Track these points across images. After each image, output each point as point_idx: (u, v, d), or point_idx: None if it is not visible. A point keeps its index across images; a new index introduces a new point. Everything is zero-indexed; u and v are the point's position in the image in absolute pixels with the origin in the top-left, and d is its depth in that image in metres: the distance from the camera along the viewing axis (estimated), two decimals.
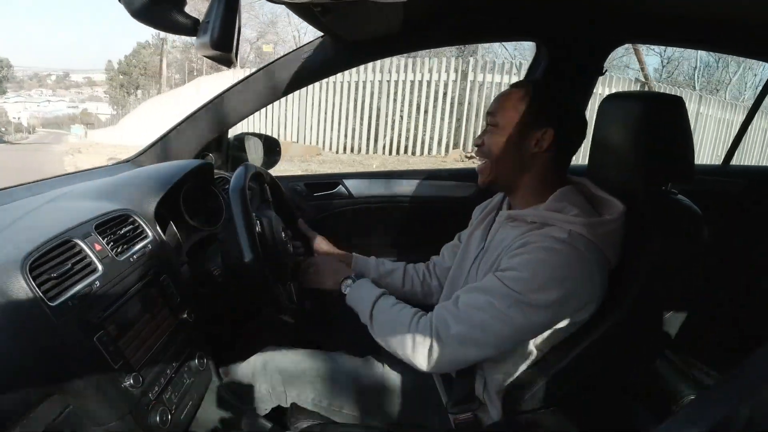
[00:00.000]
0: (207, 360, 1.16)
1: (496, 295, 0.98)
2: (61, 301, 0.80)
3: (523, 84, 1.16)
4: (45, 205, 1.07)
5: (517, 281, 0.97)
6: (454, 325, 1.00)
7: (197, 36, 0.74)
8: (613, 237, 1.03)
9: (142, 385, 0.90)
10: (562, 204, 1.05)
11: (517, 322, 0.97)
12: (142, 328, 0.97)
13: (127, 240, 1.03)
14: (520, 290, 0.96)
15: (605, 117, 1.17)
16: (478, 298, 1.00)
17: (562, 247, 0.97)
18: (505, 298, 0.97)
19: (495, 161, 1.12)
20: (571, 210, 1.03)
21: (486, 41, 1.87)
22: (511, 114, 1.10)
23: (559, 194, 1.08)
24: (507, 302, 0.97)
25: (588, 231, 0.99)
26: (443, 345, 1.00)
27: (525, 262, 0.98)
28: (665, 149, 1.07)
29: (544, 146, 1.09)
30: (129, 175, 1.32)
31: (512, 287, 0.97)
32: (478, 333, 0.99)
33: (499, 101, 1.14)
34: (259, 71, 1.57)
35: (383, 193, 1.96)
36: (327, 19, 1.13)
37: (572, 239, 0.98)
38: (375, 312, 1.12)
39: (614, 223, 1.03)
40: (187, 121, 1.59)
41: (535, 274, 0.96)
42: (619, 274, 1.04)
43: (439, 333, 1.01)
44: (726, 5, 1.18)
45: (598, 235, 1.00)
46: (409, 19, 1.28)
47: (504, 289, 0.97)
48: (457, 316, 1.01)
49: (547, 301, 0.96)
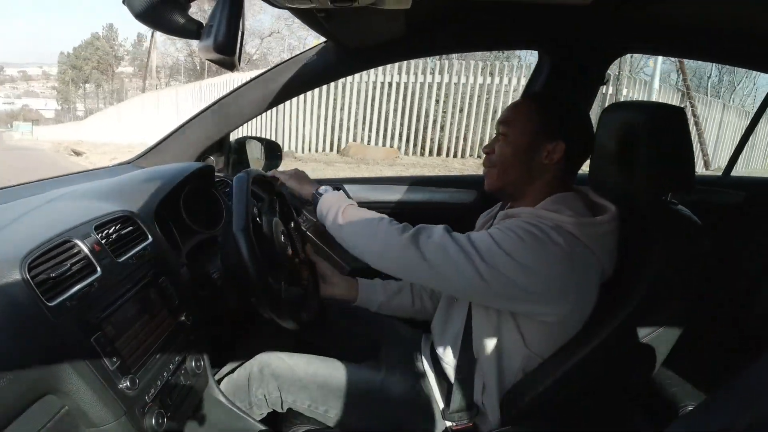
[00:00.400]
0: (204, 363, 1.15)
1: (478, 239, 1.00)
2: (59, 301, 0.80)
3: (536, 95, 1.18)
4: (45, 205, 1.07)
5: (501, 236, 0.99)
6: (437, 234, 1.03)
7: (200, 39, 0.75)
8: (605, 240, 1.03)
9: (139, 387, 0.90)
10: (558, 206, 1.05)
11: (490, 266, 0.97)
12: (139, 329, 0.96)
13: (126, 241, 1.03)
14: (501, 243, 0.98)
15: (607, 126, 1.18)
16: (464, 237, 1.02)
17: (552, 233, 0.98)
18: (484, 241, 1.00)
19: (504, 170, 1.13)
20: (566, 212, 1.03)
21: (489, 49, 1.88)
22: (524, 125, 1.11)
23: (556, 197, 1.08)
24: (485, 245, 0.99)
25: (577, 230, 1.00)
26: (419, 238, 1.03)
27: (512, 227, 1.00)
28: (666, 159, 1.07)
29: (554, 159, 1.09)
30: (130, 176, 1.33)
31: (495, 239, 0.99)
32: (450, 257, 1.00)
33: (512, 111, 1.14)
34: (262, 75, 1.58)
35: (384, 199, 1.96)
36: (330, 24, 1.13)
37: (559, 231, 0.99)
38: (346, 209, 1.16)
39: (605, 225, 1.03)
40: (189, 124, 1.60)
41: (519, 238, 0.98)
42: (619, 282, 1.04)
43: (419, 230, 1.05)
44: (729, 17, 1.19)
45: (587, 234, 1.00)
46: (411, 26, 1.28)
47: (487, 238, 1.00)
48: (442, 229, 1.04)
49: (520, 265, 0.97)
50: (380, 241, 1.05)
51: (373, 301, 1.38)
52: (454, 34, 1.52)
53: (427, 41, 1.56)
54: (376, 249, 1.06)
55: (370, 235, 1.08)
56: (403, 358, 1.30)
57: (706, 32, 1.37)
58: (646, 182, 1.07)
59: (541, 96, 1.18)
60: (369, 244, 1.08)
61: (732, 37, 1.35)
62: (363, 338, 1.42)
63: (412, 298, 1.39)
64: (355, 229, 1.11)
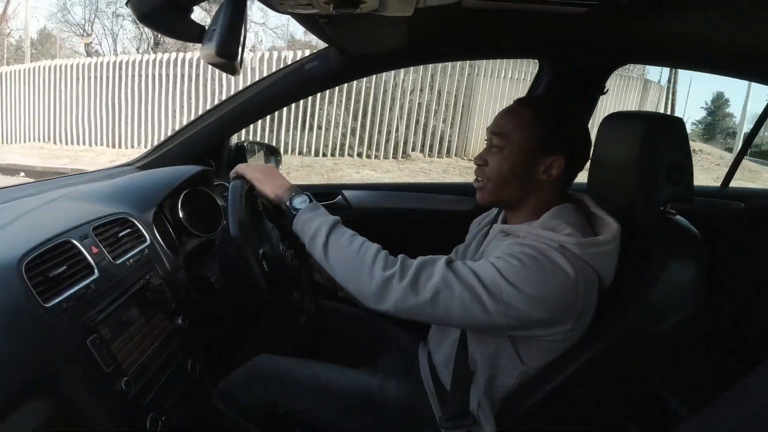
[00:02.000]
0: (200, 366, 1.15)
1: (482, 270, 0.96)
2: (56, 302, 0.80)
3: (533, 102, 1.11)
4: (44, 206, 1.07)
5: (504, 265, 0.95)
6: (438, 274, 0.96)
7: (203, 43, 0.75)
8: (607, 258, 1.02)
9: (134, 390, 0.90)
10: (556, 222, 1.02)
11: (496, 299, 0.94)
12: (136, 332, 0.96)
13: (124, 243, 1.03)
14: (504, 273, 0.94)
15: (605, 137, 1.18)
16: (466, 269, 0.97)
17: (552, 254, 0.96)
18: (489, 274, 0.95)
19: (499, 185, 1.08)
20: (564, 229, 1.01)
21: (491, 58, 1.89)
22: (521, 136, 1.05)
23: (554, 212, 1.05)
24: (490, 278, 0.94)
25: (580, 250, 0.98)
26: (416, 287, 0.96)
27: (514, 253, 0.96)
28: (665, 170, 1.07)
29: (553, 174, 1.05)
30: (129, 178, 1.33)
31: (499, 268, 0.95)
32: (455, 297, 0.95)
33: (508, 120, 1.08)
34: (264, 80, 1.58)
35: (382, 205, 1.96)
36: (332, 30, 1.13)
37: (563, 251, 0.97)
38: (332, 234, 1.03)
39: (608, 244, 1.01)
40: (189, 127, 1.60)
41: (522, 266, 0.94)
42: (617, 293, 1.04)
43: (419, 276, 0.96)
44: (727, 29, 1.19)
45: (590, 254, 0.98)
46: (413, 33, 1.29)
47: (490, 268, 0.95)
48: (444, 268, 0.97)
49: (525, 295, 0.93)
50: (377, 283, 0.97)
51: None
52: (455, 43, 1.52)
53: (429, 49, 1.56)
54: (372, 292, 0.98)
55: (364, 276, 0.99)
56: (401, 365, 1.30)
57: (705, 44, 1.37)
58: (645, 192, 1.07)
59: (537, 102, 1.11)
60: (363, 286, 0.99)
61: (731, 49, 1.36)
62: (361, 344, 1.41)
63: None
64: (346, 268, 1.01)
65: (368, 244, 1.03)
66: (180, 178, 1.32)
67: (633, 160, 1.08)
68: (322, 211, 1.09)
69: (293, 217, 1.08)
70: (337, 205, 1.91)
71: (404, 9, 0.85)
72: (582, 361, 1.02)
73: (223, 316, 1.35)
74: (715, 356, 1.81)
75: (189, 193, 1.35)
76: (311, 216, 1.07)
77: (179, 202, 1.30)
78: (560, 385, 1.04)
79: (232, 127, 1.61)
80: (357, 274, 0.99)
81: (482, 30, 1.45)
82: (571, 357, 1.03)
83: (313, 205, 1.10)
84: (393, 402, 1.19)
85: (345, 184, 1.98)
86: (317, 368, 1.24)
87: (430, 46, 1.54)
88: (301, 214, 1.08)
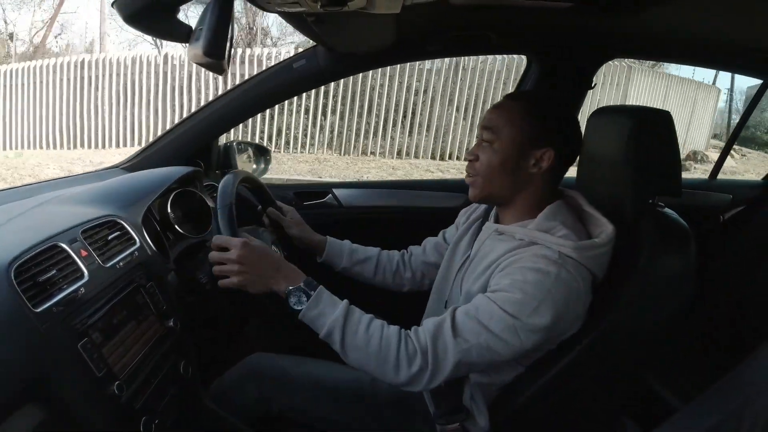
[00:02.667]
0: (193, 368, 1.15)
1: (491, 318, 0.96)
2: (46, 307, 0.79)
3: (522, 97, 1.12)
4: (32, 210, 1.06)
5: (511, 304, 0.95)
6: (451, 350, 0.96)
7: (190, 43, 0.74)
8: (603, 258, 1.03)
9: (127, 394, 0.89)
10: (553, 223, 1.03)
11: (511, 344, 0.96)
12: (127, 335, 0.95)
13: (113, 246, 1.02)
14: (513, 313, 0.95)
15: (594, 131, 1.18)
16: (473, 322, 0.97)
17: (553, 269, 0.96)
18: (499, 321, 0.95)
19: (489, 181, 1.08)
20: (561, 230, 1.02)
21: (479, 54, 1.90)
22: (510, 131, 1.06)
23: (548, 212, 1.06)
24: (501, 325, 0.95)
25: (577, 254, 0.98)
26: (439, 371, 0.97)
27: (516, 283, 0.96)
28: (653, 163, 1.08)
29: (543, 167, 1.06)
30: (118, 180, 1.32)
31: (506, 310, 0.95)
32: (474, 356, 0.97)
33: (497, 115, 1.08)
34: (251, 79, 1.58)
35: (373, 203, 1.96)
36: (320, 28, 1.13)
37: (563, 261, 0.97)
38: (347, 332, 0.99)
39: (604, 246, 1.02)
40: (177, 128, 1.59)
41: (528, 296, 0.95)
42: (607, 286, 1.05)
43: (436, 360, 0.97)
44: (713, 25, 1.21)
45: (587, 257, 1.00)
46: (401, 31, 1.29)
47: (498, 312, 0.95)
48: (453, 342, 0.97)
49: (540, 324, 0.95)
50: (404, 378, 0.98)
51: (336, 264, 1.40)
52: (443, 40, 1.53)
53: (417, 46, 1.56)
54: (400, 383, 0.99)
55: (389, 373, 0.98)
56: None
57: (692, 38, 1.39)
58: (633, 186, 1.08)
59: (526, 96, 1.12)
60: (389, 378, 0.99)
61: (716, 42, 1.38)
62: None
63: (374, 270, 1.40)
64: (369, 368, 1.00)
65: (386, 334, 0.99)
66: (169, 180, 1.31)
67: (621, 154, 1.09)
68: (325, 302, 1.01)
69: (295, 312, 1.01)
70: (327, 204, 1.91)
71: (392, 6, 0.85)
72: (574, 354, 1.03)
73: (214, 317, 1.35)
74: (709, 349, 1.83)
75: (178, 195, 1.34)
76: (317, 314, 1.00)
77: (168, 204, 1.29)
78: (553, 378, 1.04)
79: (220, 127, 1.60)
80: (382, 372, 0.99)
81: (470, 26, 1.45)
82: (564, 351, 1.04)
83: (314, 299, 1.00)
84: (386, 396, 1.19)
85: (335, 183, 1.98)
86: (310, 365, 1.24)
87: (418, 43, 1.54)
88: (306, 312, 1.00)
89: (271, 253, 1.06)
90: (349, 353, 0.99)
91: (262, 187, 1.40)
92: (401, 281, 1.41)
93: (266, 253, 1.04)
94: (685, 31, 1.33)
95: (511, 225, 1.09)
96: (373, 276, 1.41)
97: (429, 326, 1.00)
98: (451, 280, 1.20)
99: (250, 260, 1.02)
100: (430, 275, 1.34)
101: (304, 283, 1.01)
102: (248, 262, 1.02)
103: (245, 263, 1.01)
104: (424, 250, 1.41)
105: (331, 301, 1.02)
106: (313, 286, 1.02)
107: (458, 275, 1.17)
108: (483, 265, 1.06)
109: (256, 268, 1.02)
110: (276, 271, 1.03)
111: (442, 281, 1.25)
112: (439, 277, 1.27)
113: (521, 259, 0.99)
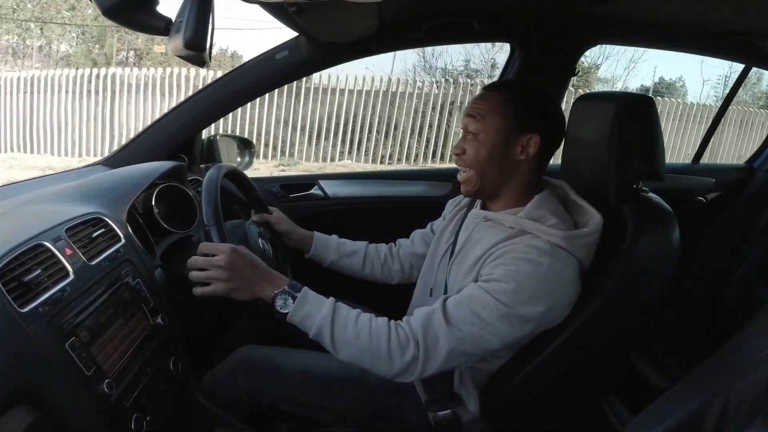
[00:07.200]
0: (183, 364, 1.14)
1: (484, 307, 0.97)
2: (32, 307, 0.78)
3: (503, 86, 1.13)
4: (15, 209, 1.04)
5: (504, 293, 0.96)
6: (443, 339, 0.97)
7: (170, 35, 0.73)
8: (591, 247, 1.05)
9: (117, 392, 0.89)
10: (541, 212, 1.05)
11: (504, 333, 0.97)
12: (115, 333, 0.95)
13: (98, 244, 1.01)
14: (507, 302, 0.96)
15: (578, 117, 1.19)
16: (465, 311, 0.98)
17: (545, 259, 0.97)
18: (493, 310, 0.96)
19: (480, 171, 1.09)
20: (550, 219, 1.03)
21: (462, 42, 1.89)
22: (495, 120, 1.06)
23: (537, 201, 1.07)
24: (495, 315, 0.96)
25: (567, 243, 1.00)
26: (431, 359, 0.98)
27: (510, 273, 0.97)
28: (636, 148, 1.09)
29: (530, 153, 1.07)
30: (100, 177, 1.30)
31: (499, 299, 0.96)
32: (467, 346, 0.98)
33: (480, 106, 1.09)
34: (233, 72, 1.56)
35: (359, 194, 1.96)
36: (301, 18, 1.12)
37: (554, 251, 0.99)
38: (336, 329, 0.99)
39: (593, 236, 1.04)
40: (160, 123, 1.57)
41: (521, 286, 0.96)
42: (593, 271, 1.06)
43: (428, 348, 0.97)
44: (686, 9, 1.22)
45: (575, 246, 1.01)
46: (385, 20, 1.28)
47: (492, 302, 0.96)
48: (446, 330, 0.97)
49: (532, 314, 0.97)
50: (398, 368, 0.98)
51: (324, 258, 1.42)
52: (426, 28, 1.52)
53: (400, 35, 1.55)
54: (394, 374, 1.00)
55: (383, 365, 0.99)
56: None
57: (673, 24, 1.40)
58: (617, 170, 1.09)
59: (507, 85, 1.12)
60: (383, 371, 1.00)
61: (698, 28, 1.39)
62: None
63: (362, 263, 1.42)
64: (363, 362, 1.00)
65: (375, 326, 1.00)
66: (153, 175, 1.29)
67: (605, 139, 1.09)
68: (311, 302, 1.01)
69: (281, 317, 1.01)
70: (313, 196, 1.90)
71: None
72: (563, 337, 1.04)
73: (202, 312, 1.34)
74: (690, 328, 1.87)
75: (162, 190, 1.32)
76: (304, 314, 1.00)
77: (153, 199, 1.28)
78: (543, 361, 1.06)
79: (203, 121, 1.58)
80: (376, 365, 1.00)
81: (452, 14, 1.45)
82: (552, 335, 1.05)
83: (300, 301, 1.01)
84: (377, 382, 1.20)
85: (320, 174, 1.98)
86: (300, 355, 1.24)
87: (401, 32, 1.53)
88: (293, 314, 1.00)
89: (257, 260, 1.05)
90: (340, 350, 1.00)
91: (247, 180, 1.39)
92: (390, 273, 1.42)
93: (253, 261, 1.04)
94: (665, 17, 1.34)
95: (500, 212, 1.10)
96: (362, 269, 1.42)
97: (420, 315, 1.00)
98: (435, 268, 1.21)
99: (238, 267, 1.01)
100: (419, 267, 1.35)
101: (289, 286, 1.02)
102: (236, 269, 1.01)
103: (233, 270, 1.01)
104: (413, 242, 1.42)
105: (318, 301, 1.02)
106: (297, 288, 1.02)
107: (441, 264, 1.18)
108: (474, 254, 1.07)
109: (243, 275, 1.02)
110: (261, 278, 1.03)
111: (428, 270, 1.26)
112: (424, 266, 1.28)
113: (514, 250, 1.00)
